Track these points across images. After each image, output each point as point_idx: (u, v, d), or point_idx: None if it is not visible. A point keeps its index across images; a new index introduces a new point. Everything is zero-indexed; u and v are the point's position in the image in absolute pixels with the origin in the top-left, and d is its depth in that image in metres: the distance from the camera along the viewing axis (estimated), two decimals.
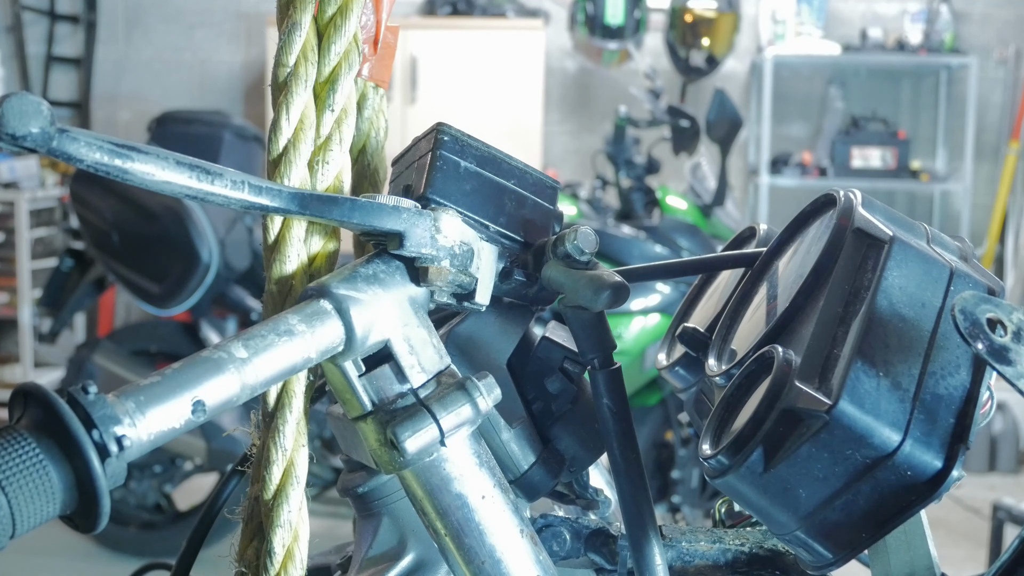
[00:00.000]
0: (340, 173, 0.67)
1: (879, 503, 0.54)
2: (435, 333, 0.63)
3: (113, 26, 6.03)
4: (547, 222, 0.69)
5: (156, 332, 3.72)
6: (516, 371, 0.68)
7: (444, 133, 0.66)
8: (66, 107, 5.95)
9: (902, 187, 5.75)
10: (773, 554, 0.73)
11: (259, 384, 0.55)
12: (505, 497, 0.63)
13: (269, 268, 0.65)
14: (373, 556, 0.74)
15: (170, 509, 3.76)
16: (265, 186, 0.57)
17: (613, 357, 0.66)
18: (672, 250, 3.52)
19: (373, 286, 0.60)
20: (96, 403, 0.48)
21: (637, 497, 0.64)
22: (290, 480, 0.65)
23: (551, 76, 5.72)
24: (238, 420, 3.06)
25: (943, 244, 0.63)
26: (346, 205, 0.59)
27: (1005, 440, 4.85)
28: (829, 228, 0.63)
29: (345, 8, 0.66)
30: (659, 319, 3.41)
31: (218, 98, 5.92)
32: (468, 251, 0.63)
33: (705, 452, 0.58)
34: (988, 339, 0.50)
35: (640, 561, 0.64)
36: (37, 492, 0.46)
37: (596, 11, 5.16)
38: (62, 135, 0.48)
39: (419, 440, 0.59)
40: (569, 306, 0.65)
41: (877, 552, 0.62)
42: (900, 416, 0.53)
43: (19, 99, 0.46)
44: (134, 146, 0.52)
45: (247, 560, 0.66)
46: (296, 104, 0.65)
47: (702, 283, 0.84)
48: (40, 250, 5.25)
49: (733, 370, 0.64)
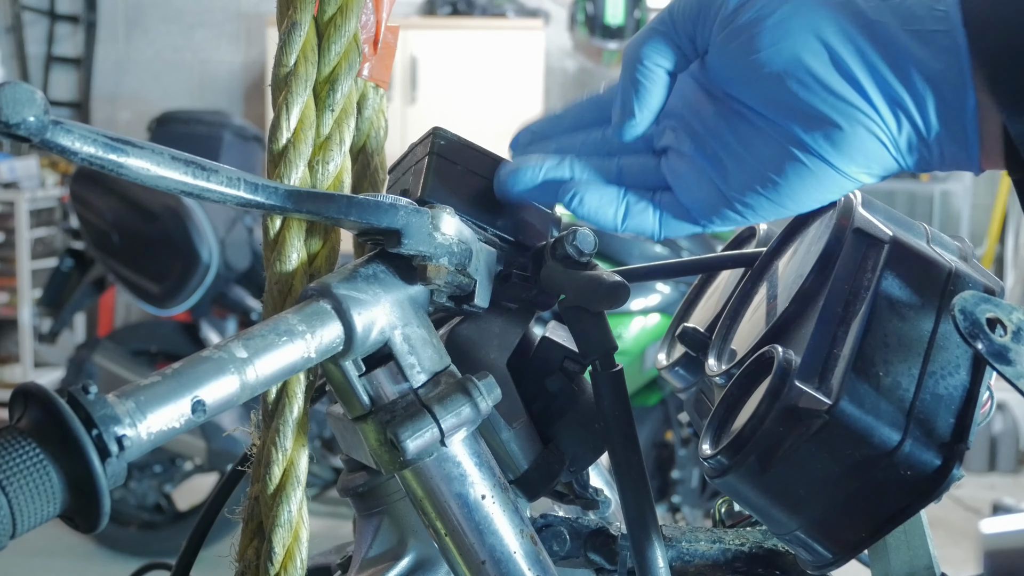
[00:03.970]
0: (340, 173, 0.67)
1: (879, 503, 0.54)
2: (435, 333, 0.63)
3: (113, 26, 6.03)
4: (545, 226, 0.69)
5: (156, 332, 3.72)
6: (516, 371, 0.68)
7: (440, 137, 0.66)
8: (66, 107, 5.96)
9: (902, 187, 5.76)
10: (773, 554, 0.73)
11: (259, 384, 0.55)
12: (505, 497, 0.63)
13: (269, 268, 0.65)
14: (373, 556, 0.74)
15: (170, 509, 3.76)
16: (261, 183, 0.57)
17: (614, 358, 0.66)
18: (672, 250, 3.52)
19: (373, 286, 0.60)
20: (96, 403, 0.48)
21: (639, 498, 0.64)
22: (290, 480, 0.65)
23: (551, 76, 5.72)
24: (238, 420, 3.07)
25: (943, 244, 0.63)
26: (343, 202, 0.59)
27: (1005, 440, 4.86)
28: (829, 228, 0.63)
29: (345, 8, 0.66)
30: (659, 319, 3.41)
31: (218, 98, 5.92)
32: (466, 250, 0.63)
33: (705, 452, 0.58)
34: (988, 339, 0.50)
35: (642, 562, 0.64)
36: (37, 492, 0.46)
37: (596, 11, 5.16)
38: (56, 127, 0.48)
39: (419, 440, 0.59)
40: (569, 307, 0.65)
41: (877, 552, 0.62)
42: (900, 416, 0.53)
43: (14, 87, 0.46)
44: (129, 140, 0.52)
45: (247, 560, 0.66)
46: (296, 104, 0.65)
47: (702, 283, 0.84)
48: (40, 250, 5.25)
49: (733, 370, 0.64)
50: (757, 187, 0.58)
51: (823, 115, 0.55)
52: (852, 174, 0.56)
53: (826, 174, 0.56)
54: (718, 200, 0.60)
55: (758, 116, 0.57)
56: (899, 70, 0.54)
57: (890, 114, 0.54)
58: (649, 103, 0.60)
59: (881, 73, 0.54)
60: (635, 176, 0.64)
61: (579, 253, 0.64)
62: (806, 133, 0.55)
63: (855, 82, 0.54)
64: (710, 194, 0.60)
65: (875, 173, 0.56)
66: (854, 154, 0.55)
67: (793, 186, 0.57)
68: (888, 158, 0.55)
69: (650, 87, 0.60)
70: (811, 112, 0.55)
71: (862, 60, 0.54)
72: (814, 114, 0.55)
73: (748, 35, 0.56)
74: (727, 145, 0.59)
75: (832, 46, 0.54)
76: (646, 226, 0.62)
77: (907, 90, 0.54)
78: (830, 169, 0.56)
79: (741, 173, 0.58)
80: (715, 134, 0.60)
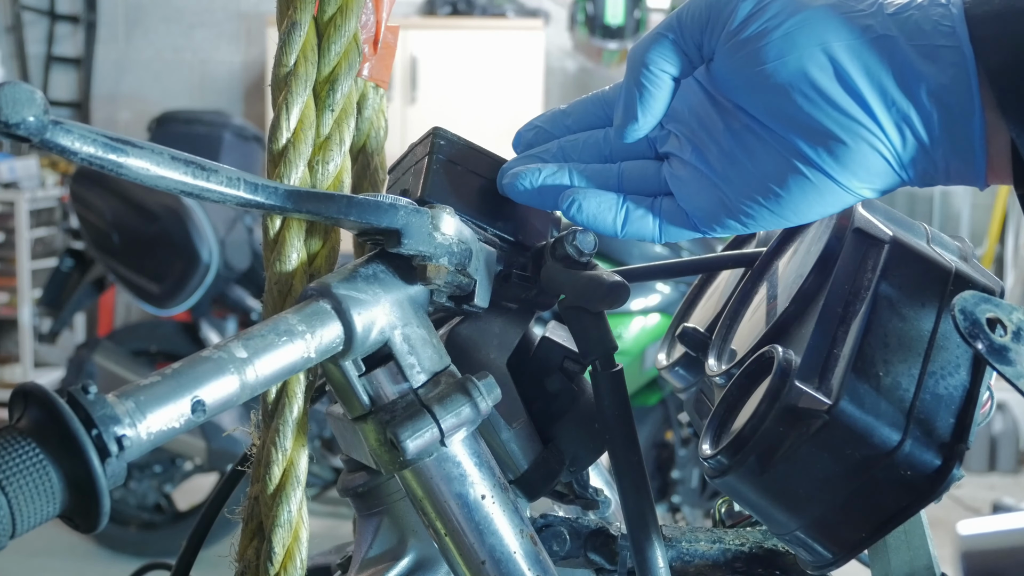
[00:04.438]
0: (340, 173, 0.67)
1: (879, 503, 0.54)
2: (435, 333, 0.63)
3: (113, 26, 6.03)
4: (545, 226, 0.69)
5: (156, 332, 3.72)
6: (516, 371, 0.68)
7: (440, 137, 0.66)
8: (66, 107, 5.96)
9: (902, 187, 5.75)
10: (773, 554, 0.73)
11: (259, 384, 0.55)
12: (505, 497, 0.63)
13: (269, 268, 0.65)
14: (373, 556, 0.74)
15: (170, 509, 3.76)
16: (261, 183, 0.57)
17: (614, 358, 0.66)
18: (672, 250, 3.52)
19: (373, 286, 0.60)
20: (96, 403, 0.48)
21: (639, 498, 0.64)
22: (290, 480, 0.65)
23: (551, 76, 5.72)
24: (238, 420, 3.07)
25: (943, 244, 0.63)
26: (343, 202, 0.59)
27: (1005, 440, 4.86)
28: (829, 228, 0.63)
29: (345, 8, 0.66)
30: (659, 319, 3.41)
31: (218, 98, 5.92)
32: (466, 250, 0.63)
33: (705, 452, 0.58)
34: (988, 339, 0.50)
35: (642, 562, 0.64)
36: (37, 492, 0.46)
37: (596, 11, 5.16)
38: (56, 126, 0.48)
39: (419, 440, 0.59)
40: (569, 307, 0.65)
41: (877, 552, 0.62)
42: (900, 416, 0.53)
43: (13, 87, 0.46)
44: (129, 140, 0.52)
45: (247, 560, 0.66)
46: (296, 104, 0.65)
47: (702, 283, 0.84)
48: (40, 250, 5.25)
49: (733, 370, 0.64)
50: (759, 198, 0.58)
51: (827, 130, 0.54)
52: (855, 189, 0.56)
53: (828, 188, 0.56)
54: (719, 209, 0.60)
55: (762, 127, 0.57)
56: (905, 86, 0.53)
57: (895, 130, 0.54)
58: (652, 108, 0.60)
59: (886, 88, 0.53)
60: (636, 180, 0.64)
61: (579, 253, 0.64)
62: (810, 147, 0.55)
63: (860, 98, 0.54)
64: (712, 202, 0.60)
65: (878, 188, 0.56)
66: (857, 169, 0.55)
67: (795, 198, 0.57)
68: (892, 174, 0.55)
69: (654, 92, 0.60)
70: (815, 126, 0.55)
71: (868, 75, 0.54)
72: (818, 128, 0.55)
73: (755, 47, 0.56)
74: (730, 155, 0.59)
75: (838, 60, 0.54)
76: (646, 232, 0.62)
77: (913, 106, 0.53)
78: (832, 183, 0.56)
79: (744, 183, 0.58)
80: (719, 143, 0.59)
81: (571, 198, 0.63)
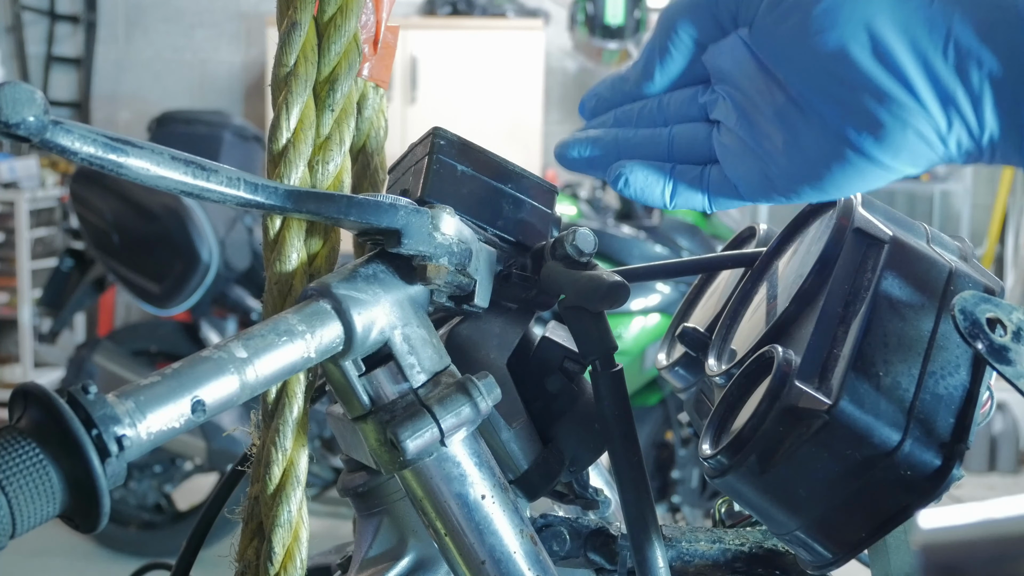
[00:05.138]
0: (340, 173, 0.67)
1: (879, 503, 0.54)
2: (435, 333, 0.63)
3: (113, 26, 6.03)
4: (545, 226, 0.69)
5: (156, 332, 3.72)
6: (516, 371, 0.68)
7: (440, 137, 0.66)
8: (66, 107, 5.96)
9: (902, 187, 5.76)
10: (773, 554, 0.73)
11: (259, 384, 0.55)
12: (505, 497, 0.63)
13: (269, 268, 0.65)
14: (373, 556, 0.74)
15: (170, 509, 3.76)
16: (261, 183, 0.57)
17: (614, 358, 0.66)
18: (672, 250, 3.52)
19: (373, 286, 0.60)
20: (96, 403, 0.48)
21: (639, 498, 0.64)
22: (290, 480, 0.65)
23: (551, 76, 5.72)
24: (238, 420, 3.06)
25: (943, 244, 0.63)
26: (343, 202, 0.59)
27: (1005, 440, 4.86)
28: (829, 228, 0.63)
29: (345, 8, 0.66)
30: (659, 319, 3.41)
31: (218, 98, 5.92)
32: (466, 250, 0.63)
33: (705, 452, 0.58)
34: (988, 339, 0.50)
35: (642, 562, 0.64)
36: (37, 492, 0.46)
37: (596, 11, 5.16)
38: (56, 126, 0.48)
39: (419, 440, 0.59)
40: (569, 307, 0.65)
41: (877, 552, 0.62)
42: (900, 416, 0.53)
43: (13, 87, 0.46)
44: (129, 140, 0.52)
45: (247, 560, 0.67)
46: (296, 104, 0.65)
47: (702, 283, 0.84)
48: (40, 250, 5.25)
49: (733, 370, 0.64)
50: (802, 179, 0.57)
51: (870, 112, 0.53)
52: (897, 168, 0.54)
53: (871, 168, 0.55)
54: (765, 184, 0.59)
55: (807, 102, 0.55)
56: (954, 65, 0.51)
57: (941, 113, 0.52)
58: (671, 71, 0.61)
59: (934, 68, 0.51)
60: (685, 147, 0.63)
61: (579, 253, 0.64)
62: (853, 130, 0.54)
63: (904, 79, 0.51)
64: (758, 177, 0.59)
65: (920, 166, 0.55)
66: (900, 151, 0.53)
67: (836, 178, 0.56)
68: (935, 155, 0.53)
69: (677, 57, 0.60)
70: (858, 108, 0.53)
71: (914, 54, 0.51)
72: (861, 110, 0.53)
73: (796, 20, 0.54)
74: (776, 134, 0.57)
75: (882, 38, 0.52)
76: (695, 203, 0.62)
77: (963, 86, 0.51)
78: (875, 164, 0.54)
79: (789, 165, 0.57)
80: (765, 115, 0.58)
81: (618, 172, 0.62)
